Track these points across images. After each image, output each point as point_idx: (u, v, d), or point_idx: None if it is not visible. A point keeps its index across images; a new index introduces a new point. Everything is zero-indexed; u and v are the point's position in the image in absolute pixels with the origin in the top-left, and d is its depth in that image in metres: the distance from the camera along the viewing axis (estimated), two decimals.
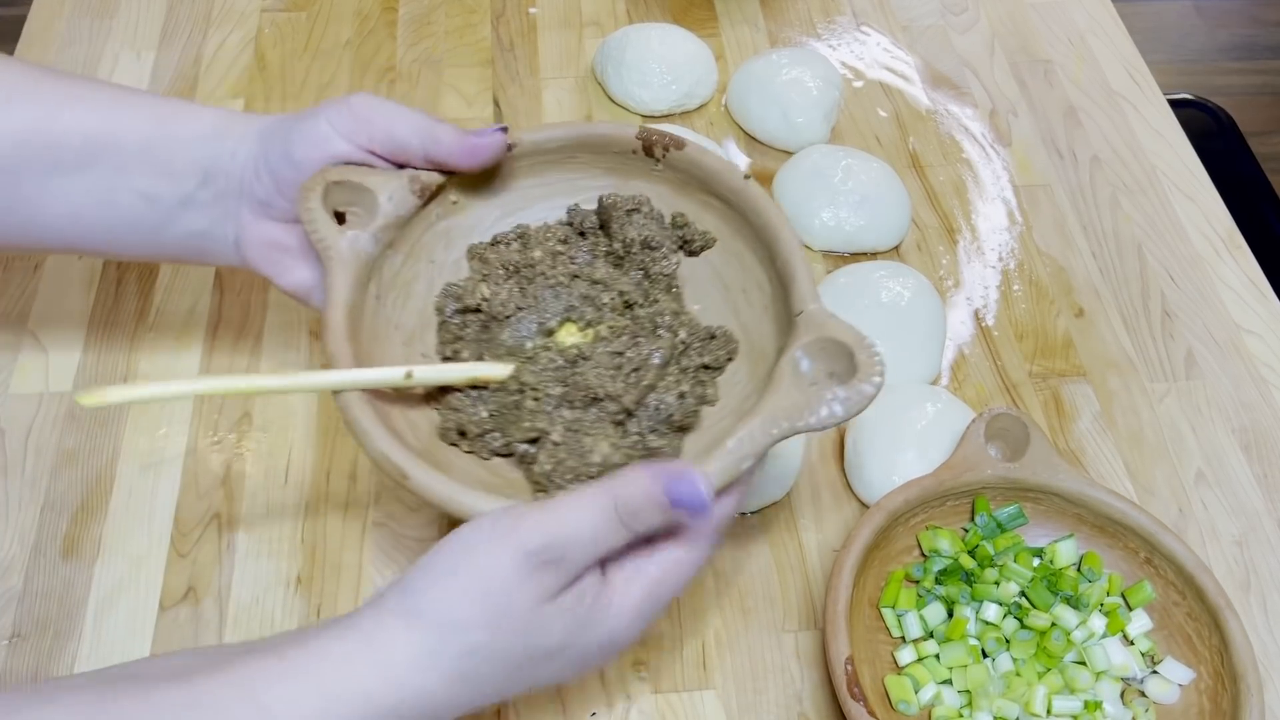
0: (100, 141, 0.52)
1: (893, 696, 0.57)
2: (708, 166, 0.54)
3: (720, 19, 0.94)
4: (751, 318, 0.54)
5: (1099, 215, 0.82)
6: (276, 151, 0.52)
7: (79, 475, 0.66)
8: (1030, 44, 0.94)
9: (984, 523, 0.61)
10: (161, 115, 0.53)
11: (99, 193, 0.53)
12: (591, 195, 0.57)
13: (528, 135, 0.55)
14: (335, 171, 0.51)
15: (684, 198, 0.55)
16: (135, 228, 0.54)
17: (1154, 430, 0.71)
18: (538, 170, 0.56)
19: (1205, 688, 0.57)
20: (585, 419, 0.51)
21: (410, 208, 0.52)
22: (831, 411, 0.46)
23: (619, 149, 0.55)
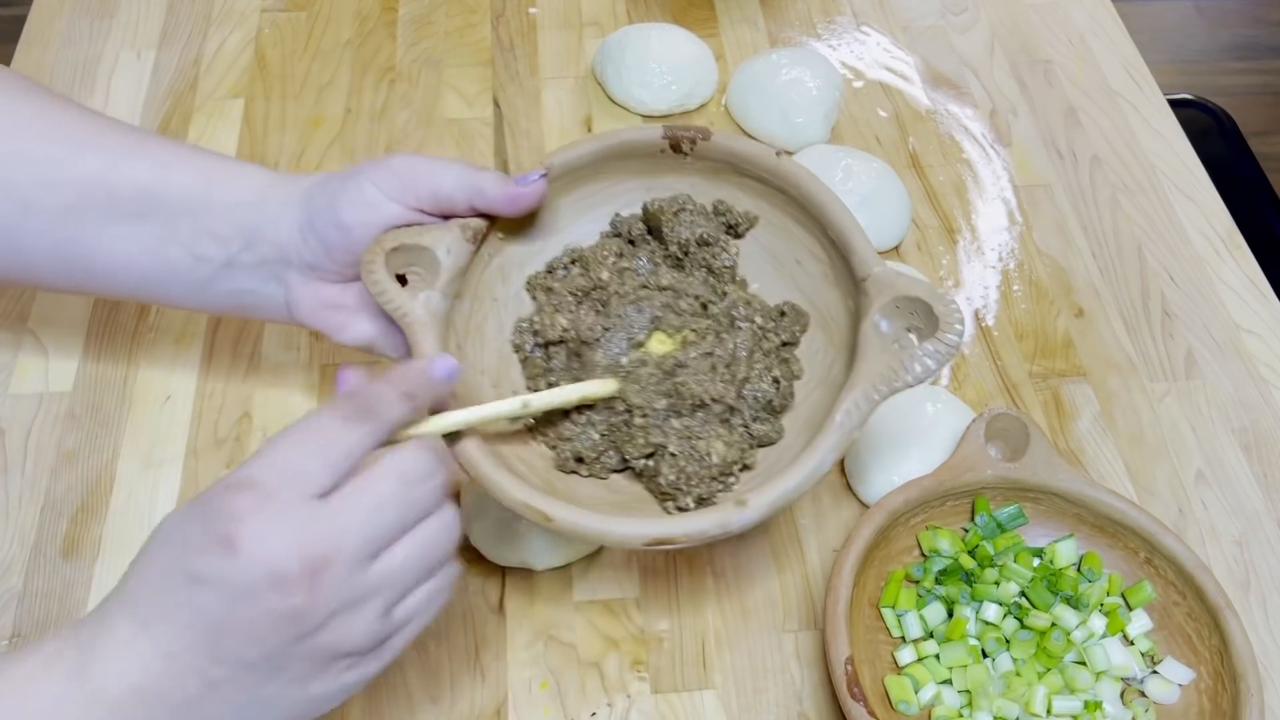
0: (152, 195, 0.53)
1: (893, 696, 0.57)
2: (739, 151, 0.55)
3: (720, 19, 0.94)
4: (811, 286, 0.55)
5: (1099, 215, 0.82)
6: (323, 217, 0.53)
7: (79, 475, 0.66)
8: (1030, 44, 0.94)
9: (984, 523, 0.61)
10: (209, 175, 0.54)
11: (150, 244, 0.54)
12: (626, 200, 0.57)
13: (558, 158, 0.56)
14: (391, 237, 0.52)
15: (718, 184, 0.56)
16: (183, 282, 0.55)
17: (1154, 430, 0.71)
18: (571, 187, 0.57)
19: (1205, 688, 0.57)
20: (694, 424, 0.52)
21: (466, 256, 0.53)
22: (925, 366, 0.48)
23: (647, 151, 0.56)
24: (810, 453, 0.48)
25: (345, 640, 0.41)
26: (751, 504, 0.47)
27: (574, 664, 0.60)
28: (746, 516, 0.47)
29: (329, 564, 0.39)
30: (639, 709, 0.59)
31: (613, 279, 0.57)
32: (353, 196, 0.52)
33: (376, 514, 0.41)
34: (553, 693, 0.59)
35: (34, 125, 0.54)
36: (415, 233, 0.52)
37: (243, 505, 0.39)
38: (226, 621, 0.39)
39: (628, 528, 0.47)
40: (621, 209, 0.58)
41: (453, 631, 0.61)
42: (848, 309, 0.53)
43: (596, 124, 0.86)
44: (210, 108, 0.85)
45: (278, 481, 0.40)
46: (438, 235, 0.52)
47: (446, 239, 0.52)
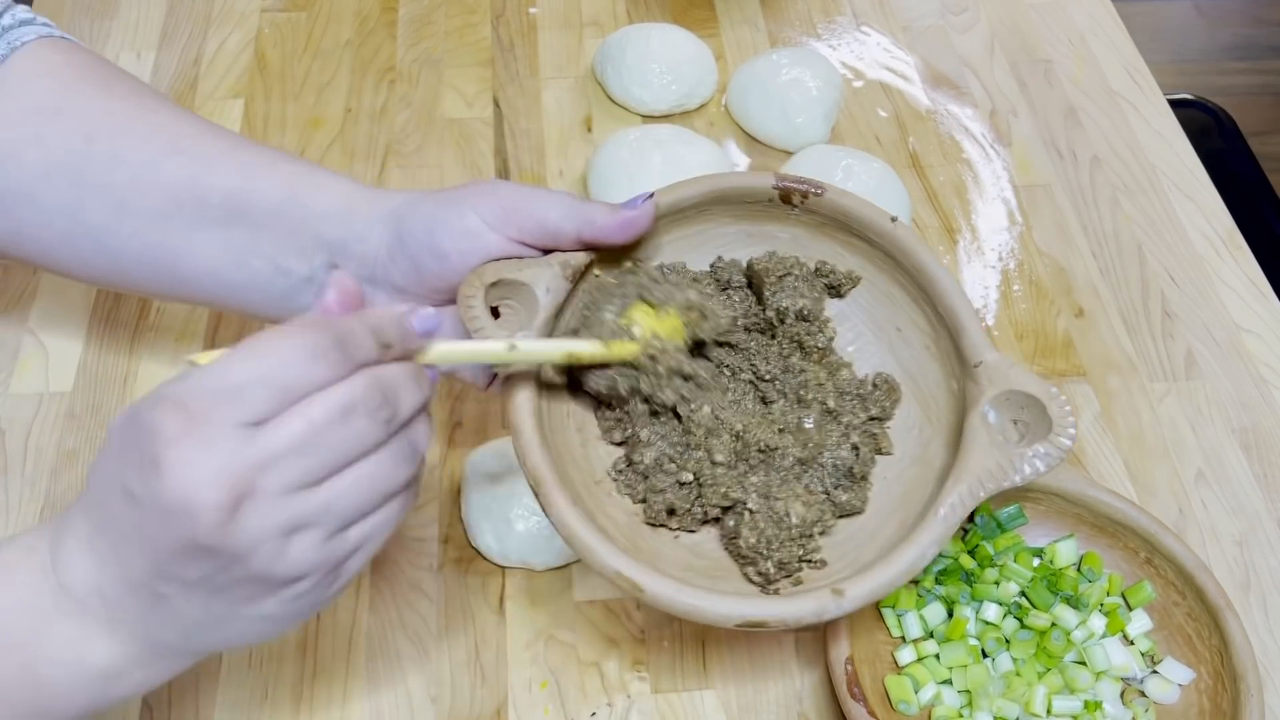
0: (238, 203, 0.53)
1: (893, 696, 0.57)
2: (851, 211, 0.53)
3: (720, 19, 0.94)
4: (910, 356, 0.54)
5: (1099, 215, 0.82)
6: (418, 240, 0.51)
7: (79, 475, 0.66)
8: (1030, 44, 0.94)
9: (984, 522, 0.61)
10: (294, 185, 0.53)
11: (235, 253, 0.54)
12: (727, 243, 0.56)
13: (665, 197, 0.54)
14: (491, 271, 0.50)
15: (822, 239, 0.55)
16: (265, 293, 0.55)
17: (1154, 430, 0.71)
18: (671, 228, 0.55)
19: (1205, 688, 0.57)
20: (771, 481, 0.51)
21: (564, 294, 0.52)
22: (1034, 469, 0.47)
23: (755, 199, 0.54)
24: (909, 545, 0.47)
25: (283, 567, 0.40)
26: (849, 595, 0.46)
27: (574, 664, 0.60)
28: (843, 606, 0.46)
29: (252, 495, 0.38)
30: (639, 709, 0.59)
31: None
32: (453, 224, 0.51)
33: (310, 445, 0.39)
34: (553, 693, 0.59)
35: (134, 127, 0.54)
36: (515, 267, 0.51)
37: (172, 426, 0.38)
38: (159, 541, 0.39)
39: (722, 607, 0.45)
40: (724, 252, 0.56)
41: (453, 631, 0.61)
42: (950, 390, 0.52)
43: (596, 124, 0.86)
44: (210, 108, 0.85)
45: (211, 404, 0.38)
46: (537, 272, 0.51)
47: (546, 276, 0.51)
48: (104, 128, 0.54)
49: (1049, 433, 0.47)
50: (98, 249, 0.55)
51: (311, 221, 0.53)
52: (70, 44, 0.58)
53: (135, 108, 0.55)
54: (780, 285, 0.54)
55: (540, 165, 0.83)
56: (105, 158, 0.53)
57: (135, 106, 0.55)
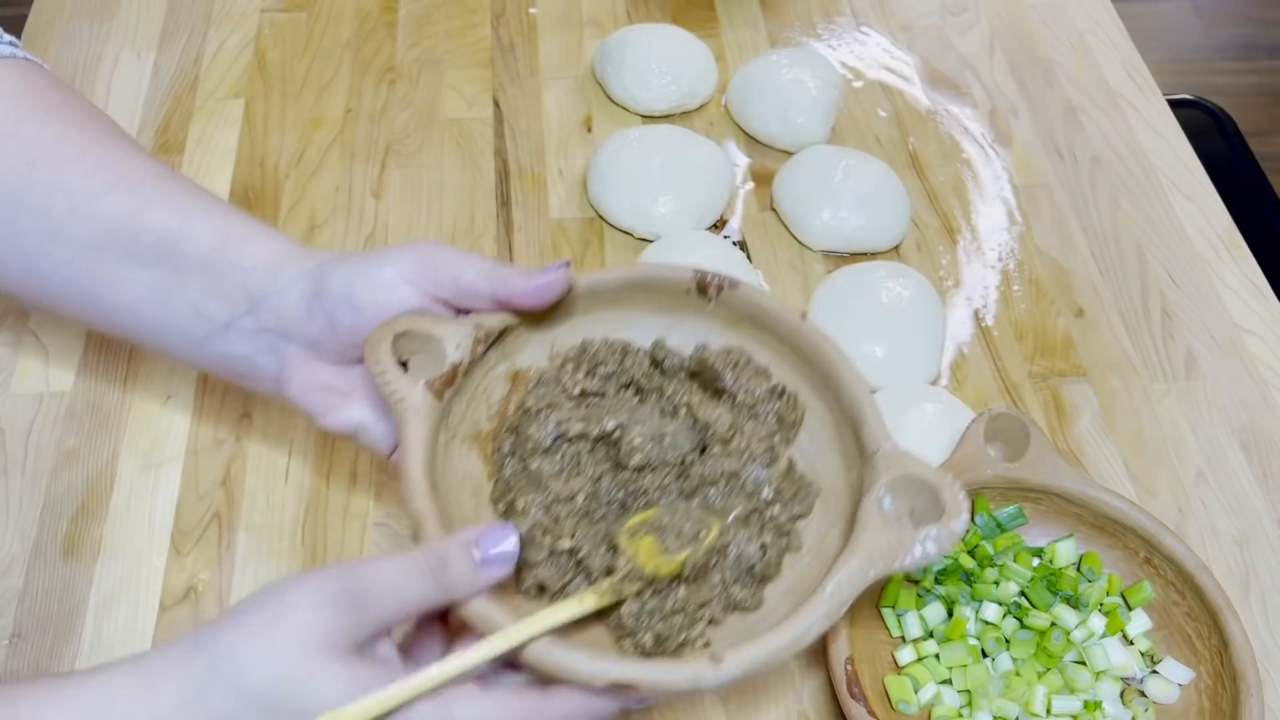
0: (171, 244, 0.53)
1: (893, 696, 0.57)
2: (764, 307, 0.53)
3: (720, 19, 0.94)
4: (815, 452, 0.54)
5: (1099, 215, 0.82)
6: (335, 294, 0.52)
7: (79, 475, 0.66)
8: (1030, 44, 0.94)
9: (984, 523, 0.61)
10: (228, 234, 0.54)
11: (159, 293, 0.54)
12: (643, 329, 0.56)
13: (585, 279, 0.54)
14: (402, 322, 0.50)
15: (735, 332, 0.55)
16: (183, 335, 0.55)
17: (1154, 430, 0.71)
18: (590, 308, 0.56)
19: (1205, 687, 0.57)
20: None
21: (474, 354, 0.51)
22: (925, 551, 0.46)
23: (672, 289, 0.55)
24: (794, 620, 0.45)
25: None
26: (727, 662, 0.44)
27: None
28: (720, 676, 0.44)
29: None
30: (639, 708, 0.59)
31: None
32: (371, 277, 0.51)
33: None
34: None
35: (81, 158, 0.54)
36: (428, 321, 0.51)
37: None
38: None
39: (593, 665, 0.43)
40: (637, 337, 0.56)
41: None
42: (849, 481, 0.51)
43: (596, 124, 0.86)
44: (210, 108, 0.85)
45: None
46: (450, 328, 0.51)
47: (458, 334, 0.51)
48: (50, 155, 0.54)
49: (941, 518, 0.47)
50: (28, 271, 0.55)
51: (239, 272, 0.53)
52: (32, 66, 0.58)
53: (85, 139, 0.55)
54: (741, 371, 0.54)
55: (540, 165, 0.83)
56: (46, 184, 0.54)
57: (85, 137, 0.56)
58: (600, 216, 0.80)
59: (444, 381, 0.50)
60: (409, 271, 0.51)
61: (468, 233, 0.79)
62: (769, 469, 0.52)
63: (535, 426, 0.52)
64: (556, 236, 0.79)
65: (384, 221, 0.79)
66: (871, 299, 0.71)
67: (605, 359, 0.54)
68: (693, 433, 0.52)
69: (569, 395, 0.53)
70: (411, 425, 0.48)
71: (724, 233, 0.80)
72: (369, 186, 0.81)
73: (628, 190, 0.77)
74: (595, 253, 0.78)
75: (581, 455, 0.52)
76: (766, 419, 0.53)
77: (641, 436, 0.51)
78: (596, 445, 0.52)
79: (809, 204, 0.78)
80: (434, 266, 0.51)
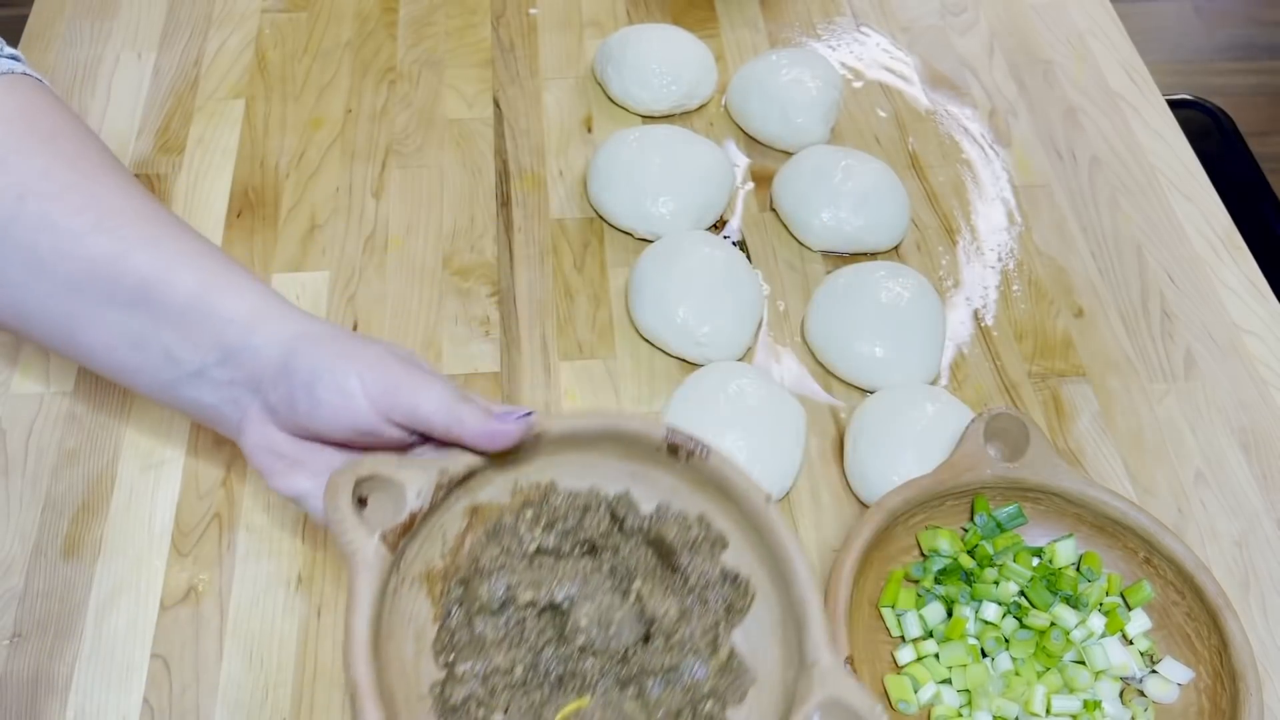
0: (150, 290, 0.53)
1: (892, 696, 0.57)
2: (732, 481, 0.53)
3: (720, 19, 0.95)
4: (759, 635, 0.53)
5: (1098, 216, 0.83)
6: (300, 379, 0.52)
7: (80, 475, 0.66)
8: (1030, 44, 0.94)
9: (983, 522, 0.61)
10: (208, 283, 0.54)
11: (133, 335, 0.54)
12: (609, 478, 0.55)
13: (556, 425, 0.54)
14: (367, 465, 0.50)
15: (701, 496, 0.54)
16: (152, 378, 0.55)
17: (1153, 430, 0.71)
18: (558, 452, 0.55)
19: (1204, 687, 0.57)
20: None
21: (434, 499, 0.51)
22: None
23: (645, 445, 0.54)
24: None
25: None
26: None
27: None
28: None
29: None
30: None
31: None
32: (336, 380, 0.51)
33: None
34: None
35: (68, 196, 0.54)
36: (392, 466, 0.50)
37: None
38: None
39: None
40: (604, 486, 0.55)
41: None
42: (785, 679, 0.51)
43: (597, 124, 0.86)
44: (211, 108, 0.85)
45: None
46: (412, 474, 0.50)
47: (420, 480, 0.50)
48: (38, 190, 0.54)
49: None
50: (10, 301, 0.55)
51: (215, 322, 0.53)
52: (30, 84, 0.58)
53: (74, 173, 0.55)
54: (697, 551, 0.53)
55: (540, 165, 0.83)
56: (34, 219, 0.54)
57: (74, 171, 0.55)
58: (600, 216, 0.80)
59: (399, 532, 0.49)
60: (371, 387, 0.51)
61: (468, 233, 0.79)
62: (709, 660, 0.52)
63: (485, 587, 0.51)
64: (556, 236, 0.79)
65: (384, 221, 0.79)
66: (871, 299, 0.71)
67: (566, 514, 0.54)
68: (639, 623, 0.52)
69: (523, 553, 0.53)
70: (361, 578, 0.48)
71: (724, 233, 0.80)
72: (369, 187, 0.82)
73: (628, 190, 0.77)
74: (595, 253, 0.78)
75: (527, 621, 0.52)
76: (715, 605, 0.53)
77: (588, 618, 0.51)
78: (544, 611, 0.52)
79: (809, 204, 0.78)
80: (395, 391, 0.51)
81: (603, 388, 0.71)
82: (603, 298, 0.76)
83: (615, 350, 0.73)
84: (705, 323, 0.71)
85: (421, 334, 0.74)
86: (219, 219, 0.79)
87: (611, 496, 0.55)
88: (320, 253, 0.77)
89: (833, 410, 0.71)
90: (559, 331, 0.74)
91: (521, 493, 0.54)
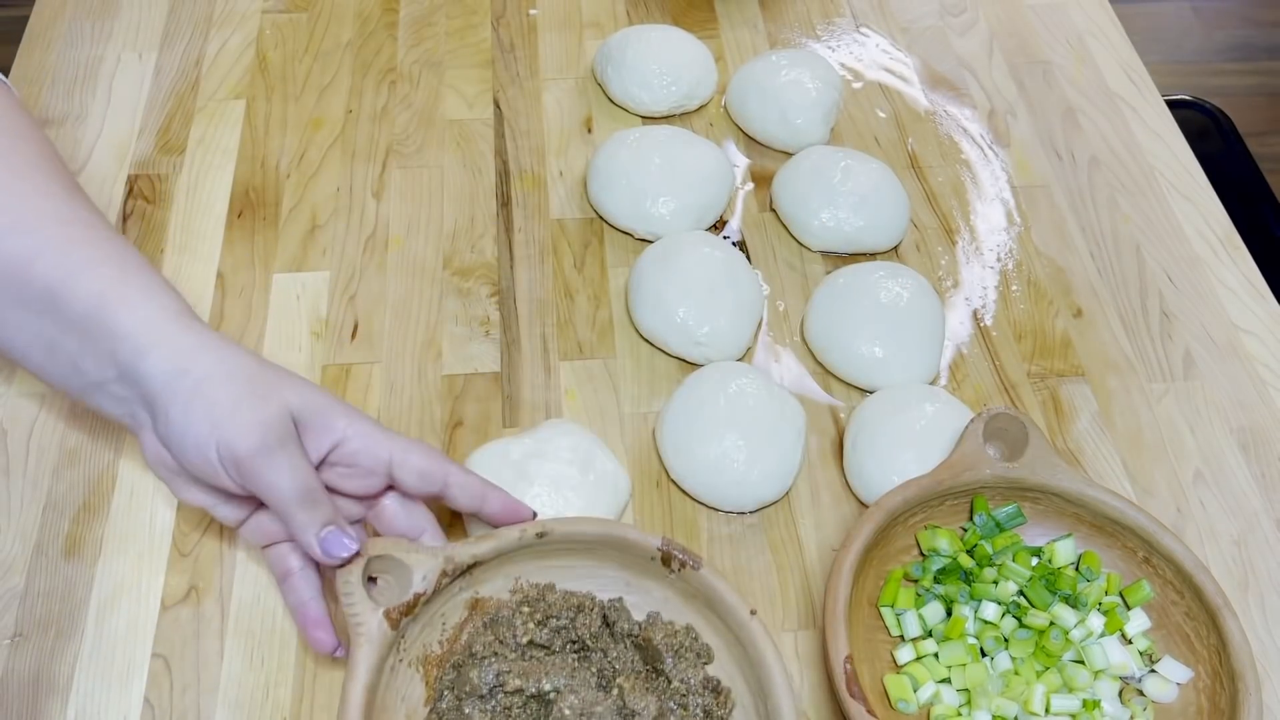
0: (54, 297, 0.53)
1: (892, 695, 0.57)
2: (718, 593, 0.56)
3: (720, 20, 0.95)
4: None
5: (1097, 216, 0.83)
6: (174, 426, 0.51)
7: (81, 475, 0.66)
8: (1029, 45, 0.94)
9: (982, 522, 0.61)
10: (105, 293, 0.53)
11: (46, 340, 0.54)
12: (604, 584, 0.58)
13: (560, 527, 0.57)
14: (379, 547, 0.54)
15: (691, 608, 0.57)
16: (66, 383, 0.55)
17: (1152, 430, 0.71)
18: (560, 555, 0.58)
19: (1203, 687, 0.57)
20: None
21: (439, 584, 0.55)
22: None
23: (640, 553, 0.57)
24: None
25: None
26: None
27: None
28: None
29: None
30: None
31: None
32: (198, 442, 0.51)
33: None
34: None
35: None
36: (403, 549, 0.54)
37: None
38: None
39: None
40: (600, 591, 0.58)
41: None
42: None
43: (597, 125, 0.86)
44: (212, 109, 0.86)
45: None
46: (420, 559, 0.54)
47: (426, 566, 0.54)
48: None
49: None
50: None
51: (110, 338, 0.53)
52: None
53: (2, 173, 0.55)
54: (682, 657, 0.56)
55: (540, 166, 0.84)
56: None
57: (4, 171, 0.55)
58: (600, 217, 0.80)
59: (402, 611, 0.53)
60: (226, 458, 0.51)
61: (468, 233, 0.79)
62: None
63: (477, 672, 0.54)
64: (556, 237, 0.79)
65: (385, 222, 0.80)
66: (871, 299, 0.72)
67: (559, 613, 0.57)
68: (619, 717, 0.54)
69: (516, 644, 0.56)
70: (362, 650, 0.52)
71: (723, 233, 0.80)
72: (369, 187, 0.82)
73: (628, 191, 0.78)
74: (595, 253, 0.78)
75: (513, 708, 0.54)
76: (694, 710, 0.55)
77: (572, 709, 0.53)
78: (530, 700, 0.54)
79: (808, 204, 0.78)
80: (247, 463, 0.51)
81: (603, 388, 0.72)
82: (603, 298, 0.76)
83: (615, 350, 0.73)
84: (705, 323, 0.71)
85: (421, 334, 0.74)
86: (220, 219, 0.79)
87: (605, 601, 0.57)
88: (321, 253, 0.77)
89: (832, 410, 0.71)
90: (559, 331, 0.74)
91: (521, 590, 0.58)
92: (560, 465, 0.63)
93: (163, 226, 0.78)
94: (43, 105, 0.85)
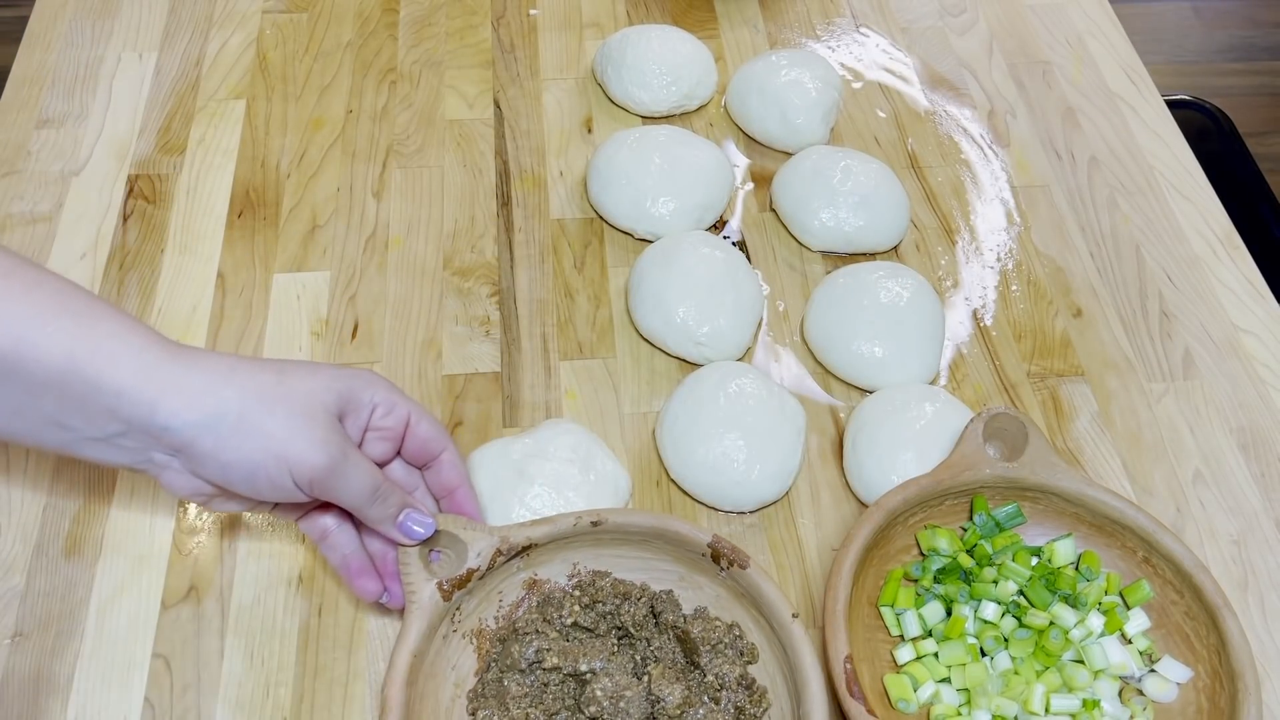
0: (11, 362, 0.48)
1: (892, 695, 0.57)
2: (762, 591, 0.57)
3: (720, 20, 0.95)
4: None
5: (1097, 216, 0.83)
6: (238, 470, 0.51)
7: (81, 475, 0.66)
8: (1029, 45, 0.94)
9: (982, 522, 0.61)
10: (74, 349, 0.48)
11: (12, 404, 0.50)
12: (657, 577, 0.60)
13: (614, 517, 0.58)
14: (440, 521, 0.56)
15: (738, 606, 0.59)
16: (43, 441, 0.51)
17: (1152, 430, 0.71)
18: (616, 544, 0.60)
19: (1203, 686, 0.57)
20: None
21: (493, 562, 0.57)
22: None
23: (691, 548, 0.58)
24: None
25: None
26: None
27: None
28: None
29: None
30: None
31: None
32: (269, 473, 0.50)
33: None
34: None
35: None
36: (461, 524, 0.57)
37: None
38: None
39: None
40: (654, 584, 0.60)
41: None
42: None
43: (597, 125, 0.86)
44: (212, 109, 0.86)
45: None
46: (476, 537, 0.57)
47: (482, 544, 0.57)
48: None
49: None
50: None
51: (102, 395, 0.49)
52: None
53: None
54: (720, 653, 0.57)
55: (540, 166, 0.84)
56: None
57: None
58: (600, 217, 0.80)
59: (455, 584, 0.56)
60: (301, 478, 0.51)
61: (468, 233, 0.79)
62: None
63: (519, 646, 0.57)
64: (556, 236, 0.79)
65: (385, 222, 0.80)
66: (871, 299, 0.72)
67: (606, 599, 0.58)
68: (647, 703, 0.55)
69: (561, 625, 0.58)
70: (414, 617, 0.55)
71: (723, 233, 0.80)
72: (370, 187, 0.82)
73: (628, 191, 0.78)
74: (595, 253, 0.78)
75: (550, 684, 0.57)
76: (726, 706, 0.56)
77: (603, 690, 0.55)
78: (567, 679, 0.57)
79: (808, 204, 0.78)
80: (324, 479, 0.51)
81: (603, 387, 0.72)
82: (603, 298, 0.76)
83: (615, 350, 0.73)
84: (705, 323, 0.71)
85: (422, 334, 0.74)
86: (220, 219, 0.79)
87: (656, 592, 0.59)
88: (321, 253, 0.78)
89: (832, 410, 0.71)
90: (559, 331, 0.74)
91: (578, 575, 0.60)
92: (560, 465, 0.63)
93: (163, 226, 0.78)
94: (43, 105, 0.85)
